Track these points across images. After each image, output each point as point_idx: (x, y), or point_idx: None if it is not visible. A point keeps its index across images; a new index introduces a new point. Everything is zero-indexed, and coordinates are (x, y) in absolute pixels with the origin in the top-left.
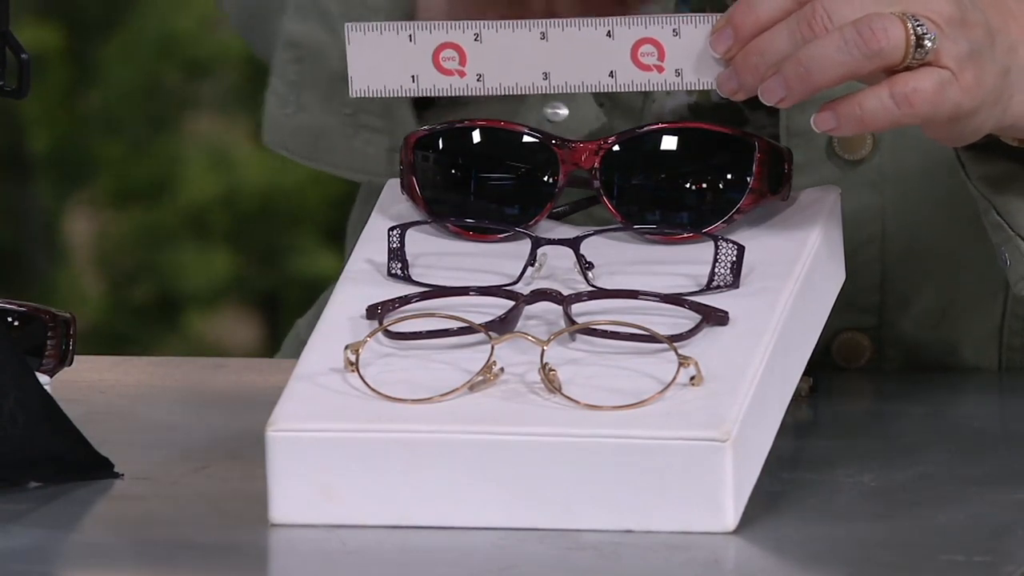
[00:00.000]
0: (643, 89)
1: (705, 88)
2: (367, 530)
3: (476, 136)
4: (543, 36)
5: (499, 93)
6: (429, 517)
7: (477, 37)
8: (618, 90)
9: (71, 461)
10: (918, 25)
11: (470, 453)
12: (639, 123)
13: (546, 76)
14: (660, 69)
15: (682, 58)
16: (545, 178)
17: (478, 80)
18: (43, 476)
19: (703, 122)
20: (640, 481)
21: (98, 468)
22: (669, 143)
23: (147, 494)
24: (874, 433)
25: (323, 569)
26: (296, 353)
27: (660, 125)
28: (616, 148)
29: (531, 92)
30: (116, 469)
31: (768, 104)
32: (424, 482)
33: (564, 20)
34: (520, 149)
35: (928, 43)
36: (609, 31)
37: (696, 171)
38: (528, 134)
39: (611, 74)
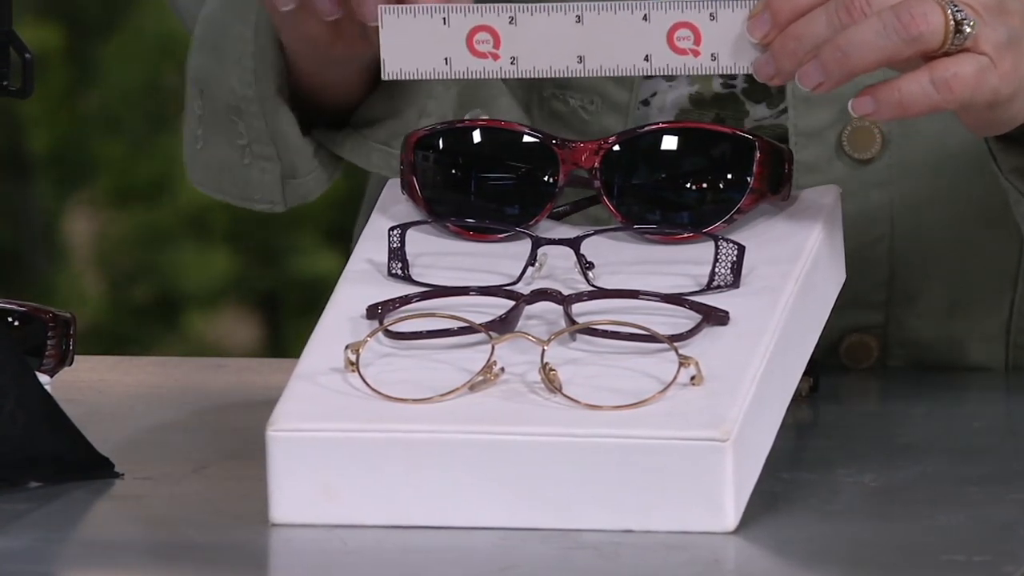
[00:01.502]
0: (679, 72)
1: (742, 72)
2: (367, 530)
3: (476, 136)
4: (579, 20)
5: (532, 76)
6: (429, 517)
7: (512, 20)
8: (653, 73)
9: (71, 461)
10: (957, 11)
11: (470, 453)
12: (627, 119)
13: (580, 60)
14: (696, 53)
15: (718, 42)
16: (545, 178)
17: (512, 63)
18: (43, 476)
19: (704, 114)
20: (640, 481)
21: (98, 468)
22: (669, 143)
23: (147, 494)
24: (875, 433)
25: (323, 569)
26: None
27: (660, 125)
28: (616, 148)
29: (565, 75)
30: (116, 469)
31: (806, 88)
32: (424, 482)
33: (600, 3)
34: (520, 149)
35: (968, 28)
36: (645, 15)
37: (696, 171)
38: (528, 134)
39: (646, 58)
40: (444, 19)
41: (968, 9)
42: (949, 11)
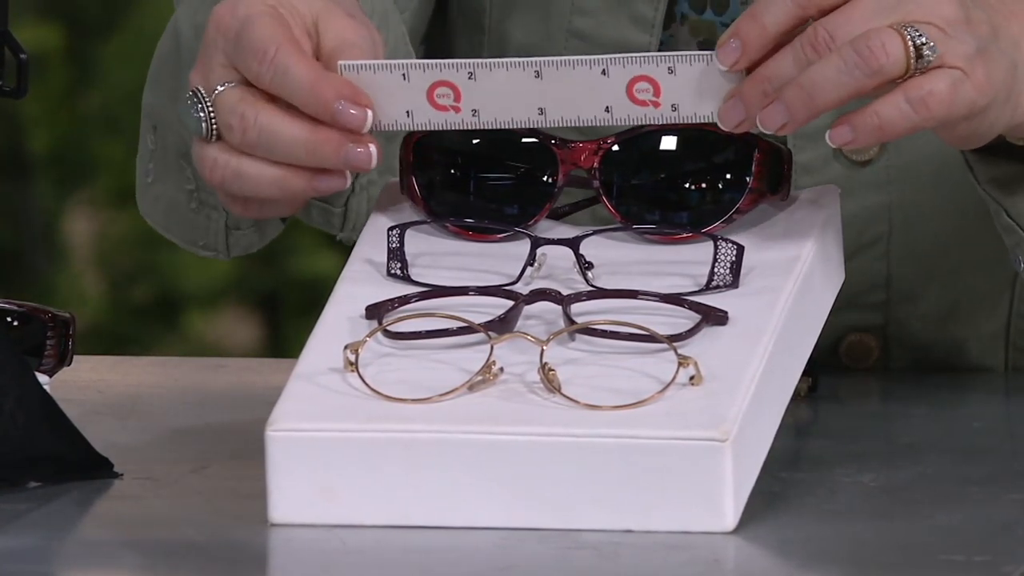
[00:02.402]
0: (639, 122)
1: (703, 121)
2: (367, 530)
3: (475, 136)
4: (538, 74)
5: (494, 127)
6: (428, 517)
7: (472, 76)
8: (614, 123)
9: (71, 461)
10: (917, 35)
11: (470, 453)
12: None
13: (542, 111)
14: (656, 104)
15: (678, 94)
16: (544, 178)
17: (473, 115)
18: (43, 476)
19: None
20: (639, 481)
21: (98, 468)
22: (668, 143)
23: (147, 494)
24: (874, 433)
25: (323, 569)
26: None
27: (659, 125)
28: (615, 148)
29: (527, 126)
30: (116, 469)
31: (769, 131)
32: (424, 482)
33: (558, 59)
34: (519, 149)
35: (928, 53)
36: (604, 69)
37: (696, 171)
38: (528, 134)
39: (607, 109)
40: (404, 75)
41: (930, 28)
42: (908, 38)
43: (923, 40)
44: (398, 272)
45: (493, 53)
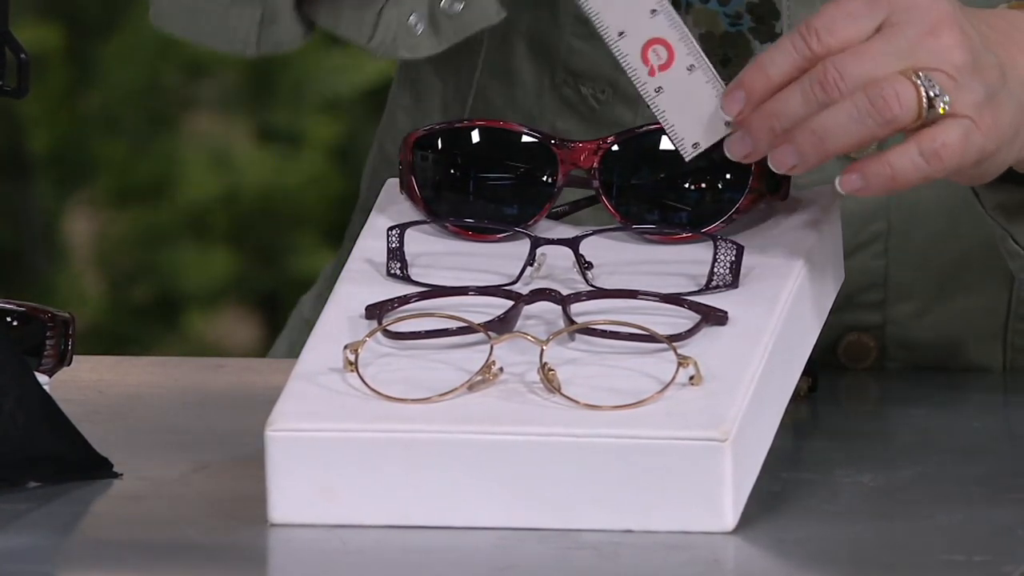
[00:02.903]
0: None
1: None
2: (367, 530)
3: (475, 136)
4: None
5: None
6: (428, 517)
7: None
8: (619, 55)
9: (71, 461)
10: (930, 85)
11: (469, 453)
12: (638, 110)
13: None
14: (652, 72)
15: (675, 93)
16: (544, 178)
17: None
18: (43, 476)
19: (714, 53)
20: (640, 481)
21: (98, 468)
22: (668, 143)
23: (147, 494)
24: (874, 433)
25: (323, 569)
26: (300, 331)
27: (659, 125)
28: (615, 148)
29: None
30: (116, 469)
31: (779, 171)
32: (424, 482)
33: None
34: (519, 149)
35: (940, 104)
36: (654, 9)
37: (695, 171)
38: (527, 134)
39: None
40: None
41: (941, 76)
42: (922, 87)
43: (936, 92)
44: (398, 272)
45: (496, 37)
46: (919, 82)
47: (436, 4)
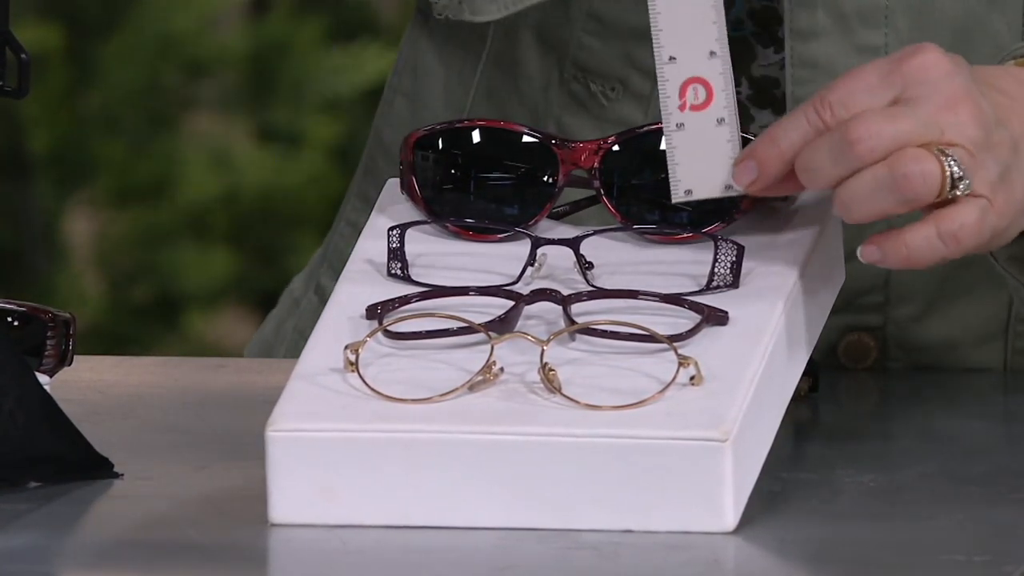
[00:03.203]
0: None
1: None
2: (367, 530)
3: (476, 136)
4: None
5: None
6: (429, 517)
7: None
8: (658, 85)
9: (71, 461)
10: (954, 164)
11: (470, 453)
12: (648, 108)
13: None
14: (682, 108)
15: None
16: (545, 178)
17: None
18: (43, 476)
19: None
20: (640, 481)
21: (98, 468)
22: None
23: (147, 494)
24: (874, 433)
25: (323, 569)
26: (289, 311)
27: (660, 125)
28: (616, 148)
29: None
30: (116, 469)
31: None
32: (424, 482)
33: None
34: (520, 149)
35: (962, 186)
36: (712, 51)
37: None
38: (528, 134)
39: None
40: None
41: (962, 153)
42: (947, 167)
43: (959, 172)
44: (398, 272)
45: (502, 27)
46: (945, 162)
47: None
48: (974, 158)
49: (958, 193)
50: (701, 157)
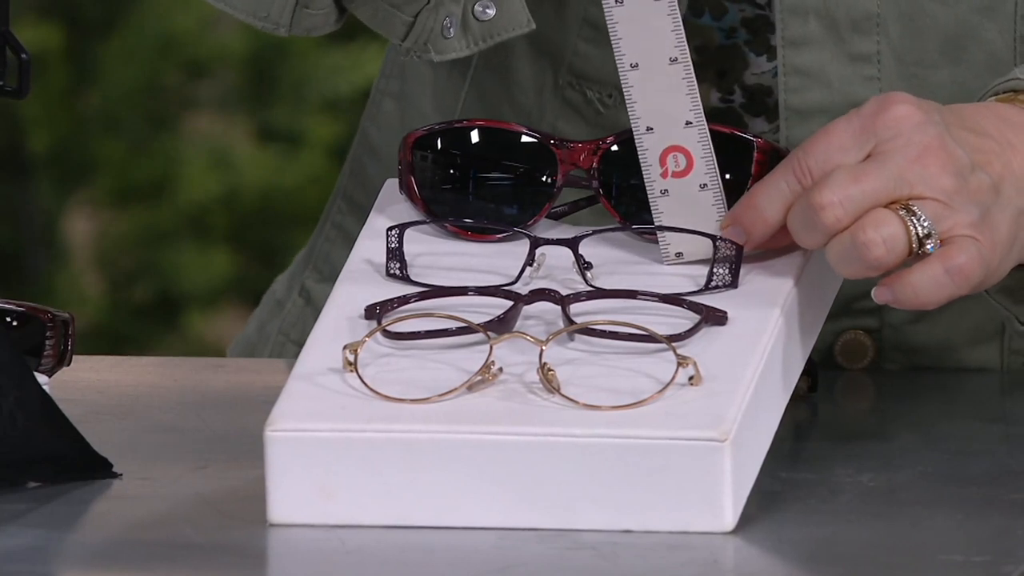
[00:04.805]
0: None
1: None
2: (366, 530)
3: (475, 136)
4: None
5: None
6: (427, 517)
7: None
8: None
9: (70, 461)
10: (920, 221)
11: (469, 453)
12: None
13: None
14: (664, 174)
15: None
16: (543, 178)
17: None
18: (42, 476)
19: (707, 69)
20: (639, 481)
21: (97, 468)
22: None
23: (147, 494)
24: (873, 433)
25: (322, 569)
26: (271, 312)
27: None
28: (614, 148)
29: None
30: (115, 469)
31: None
32: (423, 482)
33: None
34: (518, 149)
35: (930, 244)
36: (688, 119)
37: None
38: (527, 134)
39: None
40: None
41: (932, 205)
42: (911, 227)
43: (926, 230)
44: (397, 272)
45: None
46: (910, 223)
47: (470, 8)
48: (948, 206)
49: (928, 249)
50: (688, 221)
